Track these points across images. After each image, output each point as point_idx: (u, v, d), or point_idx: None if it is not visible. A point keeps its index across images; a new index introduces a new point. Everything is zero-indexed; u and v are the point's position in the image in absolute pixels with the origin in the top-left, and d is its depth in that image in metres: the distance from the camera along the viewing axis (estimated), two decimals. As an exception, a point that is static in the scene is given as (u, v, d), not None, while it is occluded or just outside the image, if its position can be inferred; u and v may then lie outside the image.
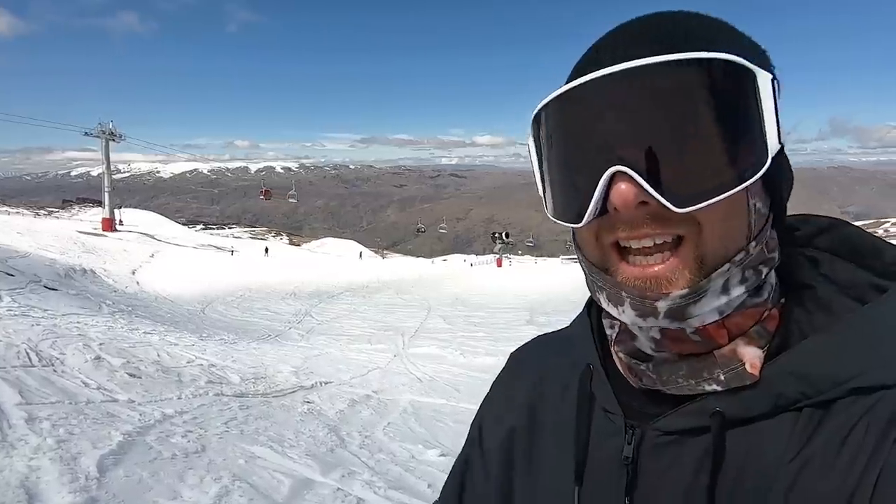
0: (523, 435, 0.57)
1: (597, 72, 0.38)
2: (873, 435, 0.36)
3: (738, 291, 0.41)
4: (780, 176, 0.43)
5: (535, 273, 24.58)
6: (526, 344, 0.67)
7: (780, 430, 0.40)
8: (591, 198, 0.39)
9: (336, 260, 32.90)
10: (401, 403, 5.39)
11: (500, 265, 38.13)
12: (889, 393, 0.37)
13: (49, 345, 5.06)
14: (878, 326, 0.39)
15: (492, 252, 47.84)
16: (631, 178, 0.37)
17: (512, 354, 0.67)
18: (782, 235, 0.46)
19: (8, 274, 9.69)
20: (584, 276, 0.48)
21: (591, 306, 0.57)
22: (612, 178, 0.38)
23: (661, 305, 0.39)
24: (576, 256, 0.49)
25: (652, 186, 0.37)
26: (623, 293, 0.41)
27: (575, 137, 0.41)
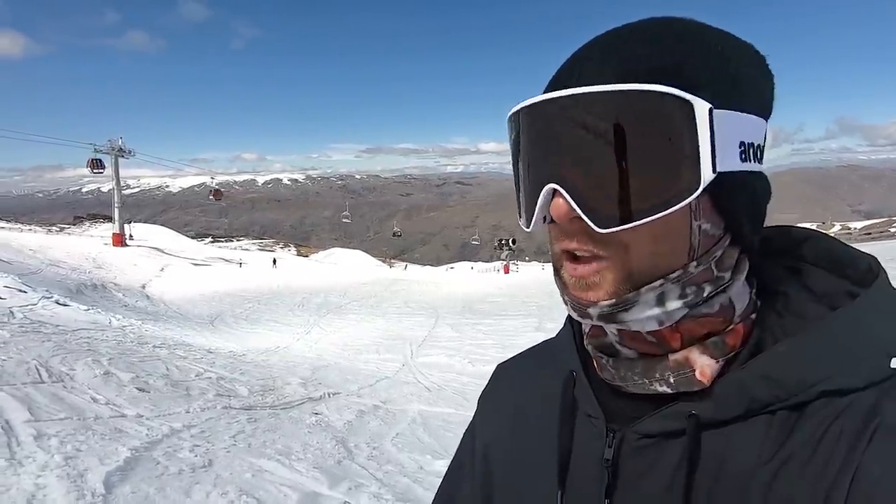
0: (508, 441, 0.59)
1: (540, 96, 0.42)
2: (846, 439, 0.38)
3: (675, 305, 0.42)
4: (735, 199, 0.43)
5: (543, 279, 24.47)
6: (511, 357, 0.69)
7: (756, 432, 0.41)
8: (535, 208, 0.43)
9: (343, 270, 33.04)
10: (409, 413, 5.36)
11: (507, 272, 38.08)
12: (860, 396, 0.39)
13: (59, 360, 5.10)
14: (847, 330, 0.40)
15: (499, 259, 47.78)
16: (563, 194, 0.41)
17: (498, 366, 0.70)
18: (751, 254, 0.47)
19: (20, 290, 9.80)
20: None
21: None
22: (555, 193, 0.41)
23: (593, 311, 0.43)
24: None
25: (578, 206, 0.40)
26: (565, 296, 0.45)
27: (528, 150, 0.44)
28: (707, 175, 0.38)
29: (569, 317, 0.58)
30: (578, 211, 0.40)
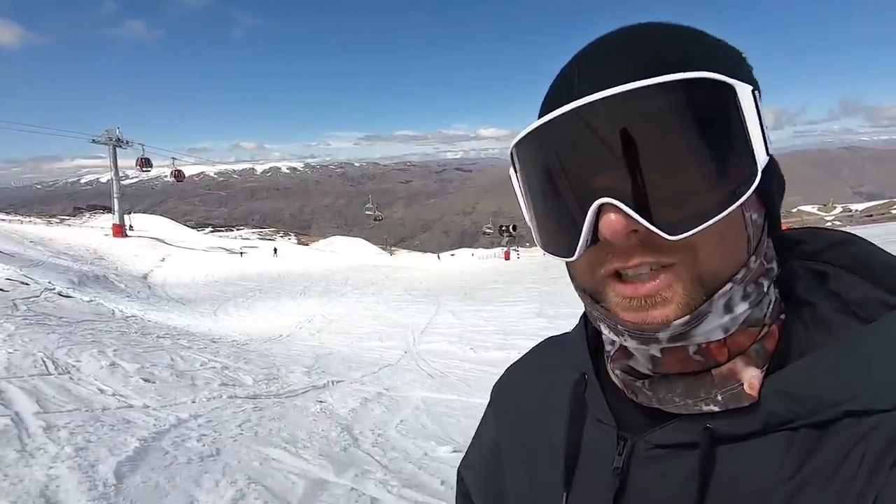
0: (516, 441, 0.59)
1: (569, 104, 0.38)
2: (870, 460, 0.36)
3: (741, 308, 0.40)
4: (772, 184, 0.42)
5: (544, 265, 24.49)
6: (527, 351, 0.69)
7: (775, 449, 0.39)
8: (581, 231, 0.39)
9: (345, 258, 33.09)
10: (412, 400, 5.41)
11: (507, 258, 38.17)
12: (887, 417, 0.36)
13: (65, 352, 5.14)
14: (876, 347, 0.38)
15: (499, 245, 47.85)
16: (618, 208, 0.37)
17: (510, 365, 0.69)
18: (778, 245, 0.46)
19: (23, 283, 9.83)
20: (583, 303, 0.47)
21: (587, 315, 0.57)
22: (601, 209, 0.37)
23: (663, 334, 0.39)
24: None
25: (641, 216, 0.36)
26: (620, 326, 0.40)
27: (557, 171, 0.40)
28: (762, 158, 0.37)
29: (583, 317, 0.57)
30: (642, 221, 0.36)
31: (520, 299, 13.65)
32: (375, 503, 2.82)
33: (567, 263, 0.46)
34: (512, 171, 0.46)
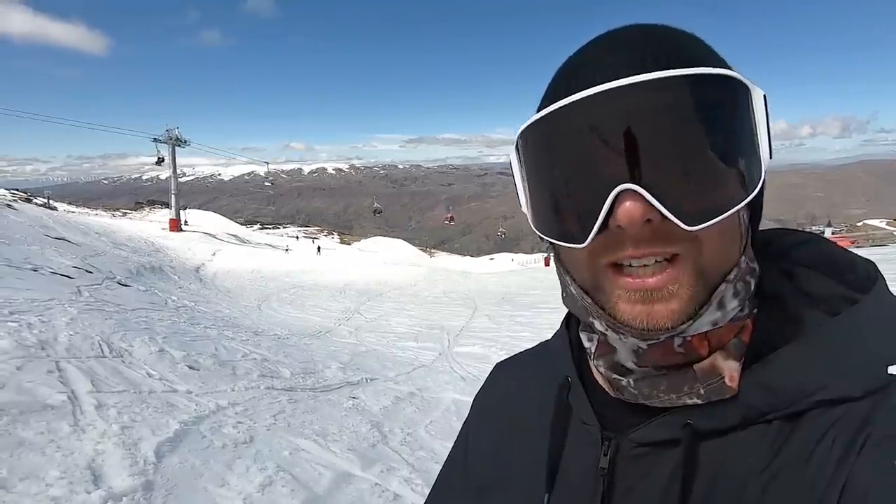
0: (499, 443, 0.59)
1: (599, 86, 0.37)
2: (839, 447, 0.37)
3: (732, 305, 0.42)
4: (762, 188, 0.43)
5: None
6: (511, 357, 0.68)
7: (752, 441, 0.40)
8: (596, 217, 0.38)
9: (384, 259, 33.59)
10: (444, 402, 5.42)
11: (547, 264, 37.64)
12: (855, 405, 0.38)
13: (119, 337, 5.45)
14: (845, 338, 0.40)
15: (539, 251, 47.29)
16: (638, 195, 0.37)
17: (495, 366, 0.69)
18: (757, 247, 0.47)
19: (87, 271, 10.53)
20: (567, 298, 0.48)
21: (570, 319, 0.58)
22: (617, 197, 0.37)
23: (665, 335, 0.41)
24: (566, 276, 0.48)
25: (662, 204, 0.37)
26: (620, 326, 0.41)
27: (575, 154, 0.40)
28: (767, 159, 0.39)
29: (565, 320, 0.58)
30: (663, 210, 0.36)
31: (558, 306, 13.39)
32: (398, 499, 2.85)
33: (559, 253, 0.47)
34: (514, 154, 0.46)
